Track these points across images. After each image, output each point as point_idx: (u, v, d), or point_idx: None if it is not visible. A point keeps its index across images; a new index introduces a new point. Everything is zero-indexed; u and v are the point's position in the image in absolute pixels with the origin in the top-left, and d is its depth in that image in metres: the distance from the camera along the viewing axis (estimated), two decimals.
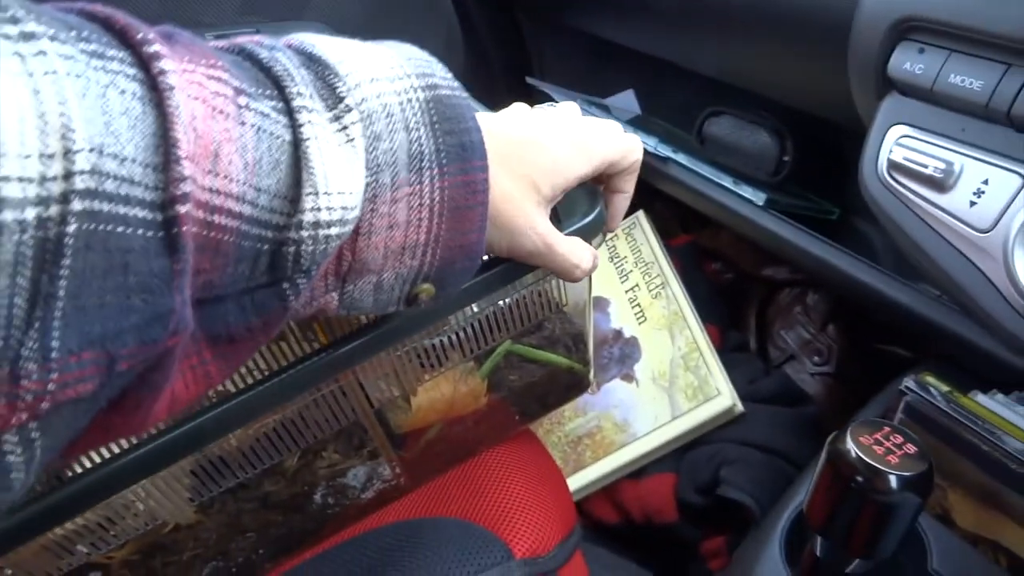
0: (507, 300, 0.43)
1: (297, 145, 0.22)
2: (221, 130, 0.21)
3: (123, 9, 0.21)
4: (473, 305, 0.41)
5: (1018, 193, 0.36)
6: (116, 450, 0.35)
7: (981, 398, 0.54)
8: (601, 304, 0.82)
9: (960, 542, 0.50)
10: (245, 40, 0.25)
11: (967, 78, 0.36)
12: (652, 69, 0.88)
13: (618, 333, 0.79)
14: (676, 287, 0.78)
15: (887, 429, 0.32)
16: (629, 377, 0.76)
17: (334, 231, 0.23)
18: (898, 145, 0.40)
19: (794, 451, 0.67)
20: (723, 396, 0.69)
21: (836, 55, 0.46)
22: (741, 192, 0.70)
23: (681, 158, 0.75)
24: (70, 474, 0.34)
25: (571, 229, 0.36)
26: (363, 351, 0.37)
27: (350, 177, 0.24)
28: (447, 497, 0.47)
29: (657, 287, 0.79)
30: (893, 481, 0.30)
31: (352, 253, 0.25)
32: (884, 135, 0.41)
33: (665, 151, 0.76)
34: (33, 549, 0.36)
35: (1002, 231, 0.36)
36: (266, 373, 0.36)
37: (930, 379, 0.55)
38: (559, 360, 0.48)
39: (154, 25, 0.21)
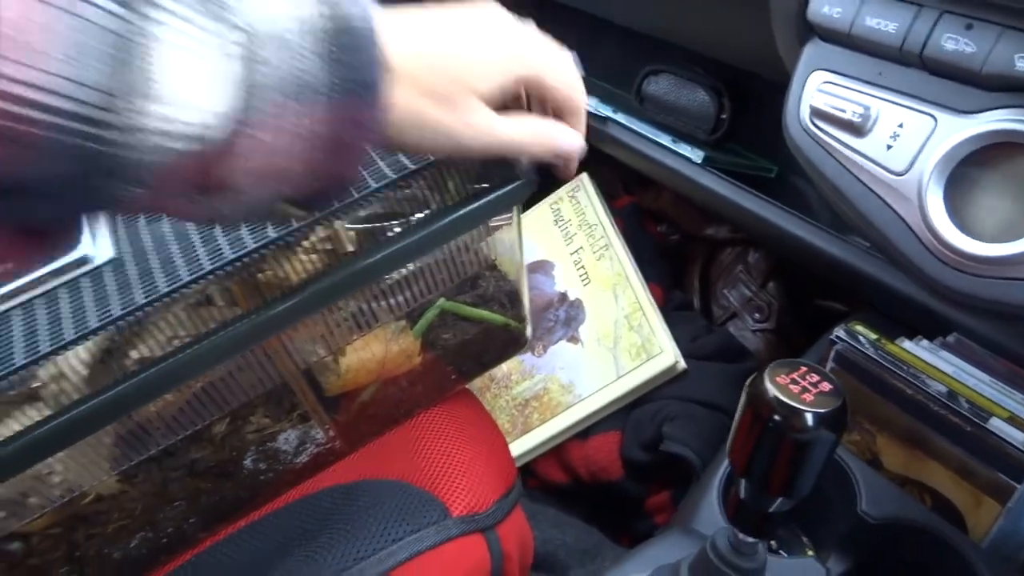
0: (437, 256, 0.42)
1: (134, 45, 0.21)
2: (40, 19, 0.20)
3: None
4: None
5: (931, 135, 0.36)
6: (34, 419, 0.33)
7: (907, 344, 0.55)
8: (546, 267, 0.81)
9: (888, 483, 0.51)
10: None
11: (882, 20, 0.37)
12: (591, 29, 0.87)
13: (563, 296, 0.79)
14: (620, 248, 0.78)
15: (803, 369, 0.33)
16: (575, 339, 0.76)
17: (178, 145, 0.22)
18: (819, 91, 0.41)
19: (735, 406, 0.68)
20: (665, 354, 0.69)
21: (759, 2, 0.46)
22: (679, 150, 0.70)
23: (620, 118, 0.75)
24: None
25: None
26: (289, 315, 0.36)
27: (208, 93, 0.23)
28: (384, 459, 0.46)
29: (601, 248, 0.79)
30: (808, 419, 0.30)
31: (216, 170, 0.25)
32: (805, 82, 0.41)
33: (605, 111, 0.76)
34: None
35: (916, 173, 0.37)
36: (189, 339, 0.35)
37: (859, 328, 0.57)
38: (493, 317, 0.48)
39: None
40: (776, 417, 0.31)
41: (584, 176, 0.85)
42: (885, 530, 0.50)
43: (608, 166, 0.89)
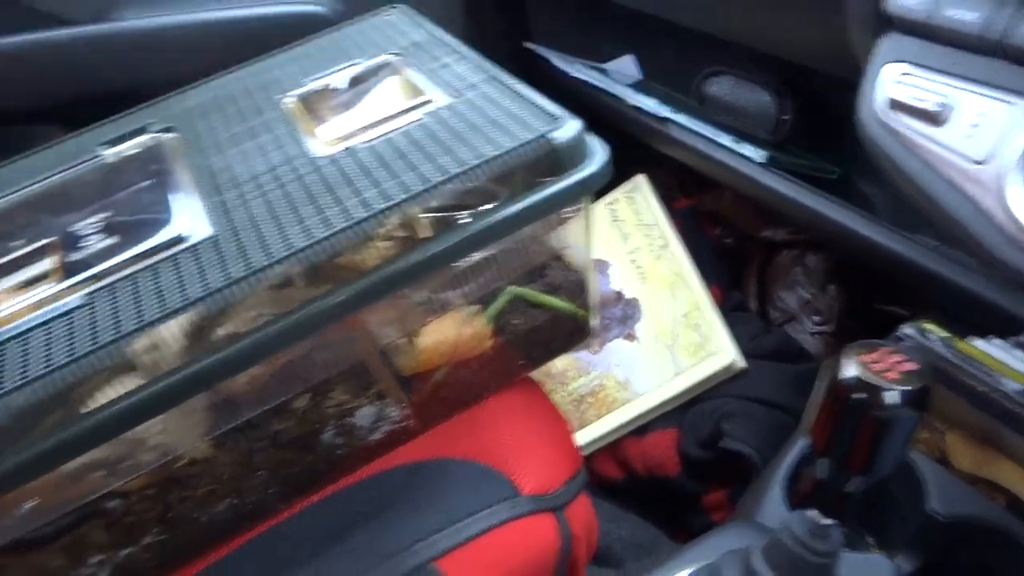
0: (508, 245, 0.44)
1: None
2: None
3: None
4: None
5: (1012, 123, 0.36)
6: (131, 386, 0.36)
7: (979, 343, 0.55)
8: (601, 266, 0.82)
9: (958, 481, 0.51)
10: None
11: (961, 10, 0.37)
12: (652, 31, 0.88)
13: (619, 295, 0.80)
14: (678, 248, 0.79)
15: (885, 349, 0.33)
16: (631, 336, 0.76)
17: None
18: (895, 83, 0.41)
19: (795, 405, 0.68)
20: (725, 352, 0.69)
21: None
22: (742, 151, 0.70)
23: (681, 118, 0.75)
24: (87, 409, 0.35)
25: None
26: (365, 297, 0.38)
27: None
28: (454, 438, 0.48)
29: (659, 248, 0.80)
30: (892, 396, 0.30)
31: None
32: (880, 73, 0.42)
33: (664, 112, 0.77)
34: (52, 480, 0.37)
35: (996, 161, 0.37)
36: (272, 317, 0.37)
37: (928, 325, 0.56)
38: (562, 305, 0.49)
39: None
40: (858, 395, 0.31)
41: (640, 177, 0.86)
42: (955, 529, 0.49)
43: (665, 168, 0.90)
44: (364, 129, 0.45)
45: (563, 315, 0.50)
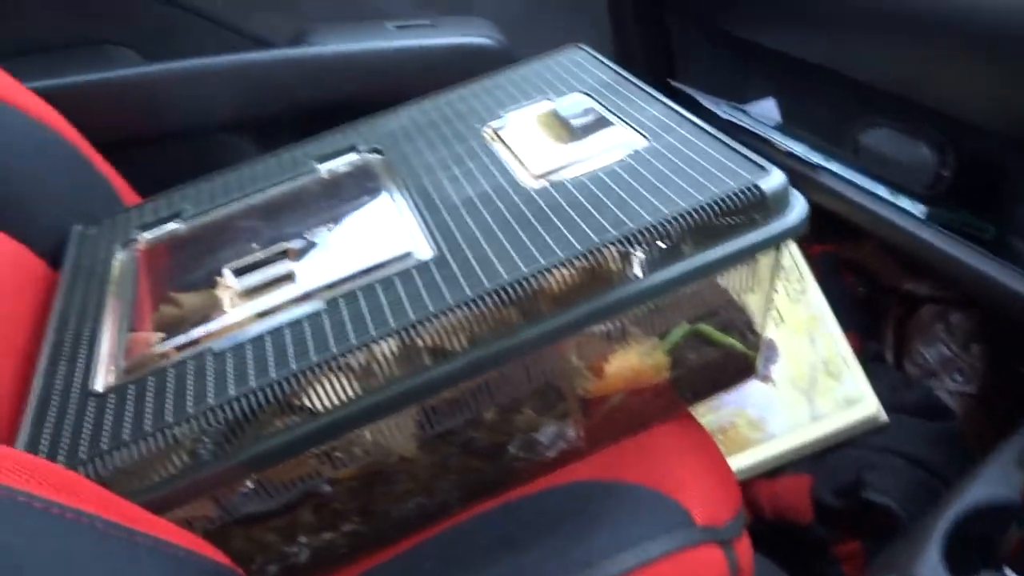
0: (688, 289, 0.45)
1: None
2: None
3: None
4: None
5: None
6: (358, 390, 0.39)
7: None
8: None
9: None
10: None
11: None
12: (800, 75, 0.89)
13: None
14: (816, 293, 0.79)
15: None
16: (766, 378, 0.77)
17: None
18: None
19: (938, 464, 0.67)
20: (868, 404, 0.69)
21: (1003, 55, 0.46)
22: (899, 203, 0.70)
23: (834, 166, 0.76)
24: (320, 408, 0.39)
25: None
26: (578, 325, 0.40)
27: None
28: (622, 462, 0.50)
29: (796, 292, 0.80)
30: None
31: None
32: None
33: (816, 158, 0.77)
34: (286, 465, 0.41)
35: None
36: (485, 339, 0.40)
37: None
38: (736, 345, 0.51)
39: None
40: None
41: None
42: None
43: None
44: (569, 165, 0.48)
45: (735, 353, 0.51)
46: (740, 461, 0.74)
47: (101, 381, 0.42)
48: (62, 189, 0.59)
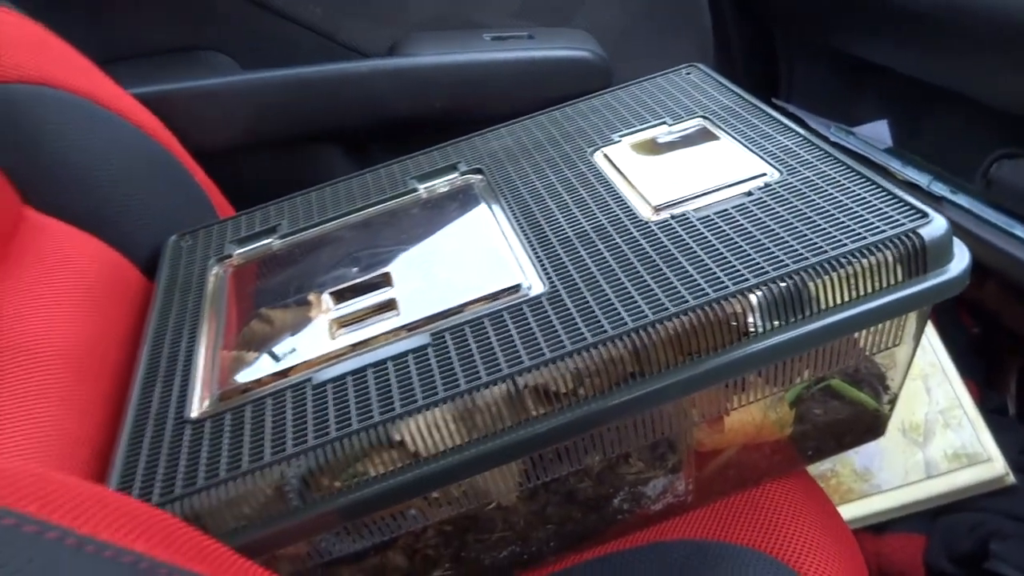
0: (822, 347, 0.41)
1: None
2: None
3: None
4: None
5: None
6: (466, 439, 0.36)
7: None
8: None
9: None
10: None
11: None
12: (915, 97, 0.83)
13: None
14: (934, 337, 0.73)
15: None
16: None
17: None
18: None
19: None
20: (994, 462, 0.63)
21: None
22: None
23: (962, 200, 0.70)
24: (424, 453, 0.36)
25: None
26: (696, 384, 0.37)
27: None
28: (733, 522, 0.46)
29: None
30: None
31: None
32: None
33: (940, 190, 0.71)
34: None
35: None
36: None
37: None
38: (868, 401, 0.46)
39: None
40: None
41: None
42: None
43: None
44: (692, 197, 0.44)
45: (864, 410, 0.47)
46: (844, 512, 0.68)
47: (196, 407, 0.40)
48: (159, 197, 0.58)
